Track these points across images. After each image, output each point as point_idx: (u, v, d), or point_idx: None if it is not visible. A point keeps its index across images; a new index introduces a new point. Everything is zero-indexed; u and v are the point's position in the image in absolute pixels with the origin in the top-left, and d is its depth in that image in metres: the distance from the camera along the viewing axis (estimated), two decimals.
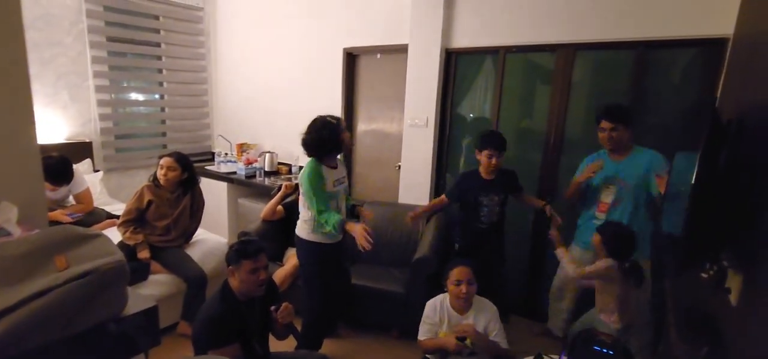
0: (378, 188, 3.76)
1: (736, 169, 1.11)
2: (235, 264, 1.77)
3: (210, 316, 1.73)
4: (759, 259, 1.07)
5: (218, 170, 4.19)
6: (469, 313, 2.05)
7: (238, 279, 1.77)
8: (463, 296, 1.99)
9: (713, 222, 1.11)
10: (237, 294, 1.79)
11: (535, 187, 2.95)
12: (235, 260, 1.77)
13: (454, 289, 2.02)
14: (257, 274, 1.78)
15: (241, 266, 1.76)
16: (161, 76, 4.47)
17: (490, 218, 2.61)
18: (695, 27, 2.29)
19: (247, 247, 1.80)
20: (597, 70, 2.76)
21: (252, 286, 1.78)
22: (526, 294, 3.11)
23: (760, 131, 1.21)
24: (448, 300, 2.09)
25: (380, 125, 3.76)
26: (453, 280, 2.03)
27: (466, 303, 2.04)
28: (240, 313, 1.78)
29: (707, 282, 1.21)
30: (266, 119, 4.40)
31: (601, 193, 2.40)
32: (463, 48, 3.07)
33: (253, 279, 1.77)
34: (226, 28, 4.59)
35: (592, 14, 2.57)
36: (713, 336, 1.17)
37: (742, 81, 1.77)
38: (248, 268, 1.75)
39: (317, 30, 3.84)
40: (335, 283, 2.44)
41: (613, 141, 2.30)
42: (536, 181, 2.96)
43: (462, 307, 2.05)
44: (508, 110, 3.03)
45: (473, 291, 2.02)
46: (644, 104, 2.55)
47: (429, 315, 2.11)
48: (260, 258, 1.79)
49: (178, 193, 2.72)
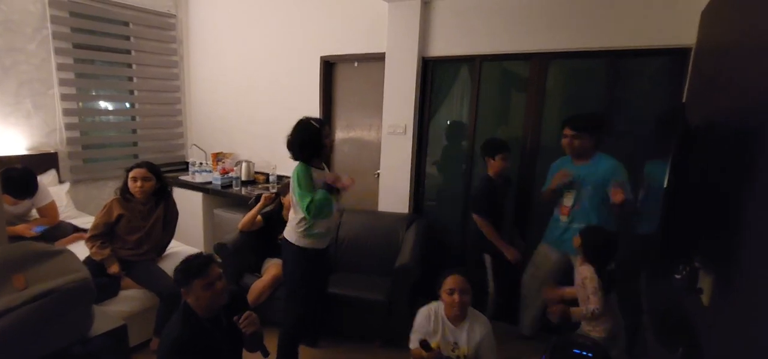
0: (357, 196, 3.73)
1: (705, 173, 1.15)
2: (185, 286, 1.67)
3: (173, 340, 1.63)
4: (728, 260, 1.10)
5: (193, 180, 4.08)
6: (463, 324, 1.99)
7: (193, 298, 1.67)
8: (456, 305, 1.94)
9: (685, 225, 1.14)
10: (198, 312, 1.69)
11: (512, 192, 2.98)
12: (185, 282, 1.66)
13: (448, 298, 1.96)
14: (212, 288, 1.67)
15: (192, 287, 1.66)
16: (132, 84, 4.33)
17: None
18: (661, 37, 2.38)
19: (192, 265, 1.68)
20: (570, 79, 2.83)
21: (210, 301, 1.69)
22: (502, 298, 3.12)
23: (723, 136, 1.26)
24: (442, 309, 2.04)
25: (359, 133, 3.74)
26: (446, 289, 1.97)
27: (461, 313, 1.98)
28: (204, 332, 1.68)
29: (680, 283, 1.24)
30: (242, 128, 4.31)
31: (563, 197, 2.51)
32: (440, 56, 3.10)
33: (209, 294, 1.67)
34: (200, 36, 4.50)
35: (564, 24, 2.64)
36: (688, 336, 1.20)
37: (704, 88, 1.86)
38: (200, 285, 1.65)
39: (293, 38, 3.80)
40: (318, 292, 2.41)
41: (574, 148, 2.42)
42: (514, 186, 3.00)
43: (456, 317, 1.99)
44: (484, 117, 3.07)
45: (467, 300, 1.96)
46: (615, 110, 2.63)
47: (421, 324, 2.04)
48: (211, 272, 1.68)
49: (151, 204, 2.63)
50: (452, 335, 1.99)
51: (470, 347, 1.95)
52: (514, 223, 2.87)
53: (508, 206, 2.76)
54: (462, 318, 2.00)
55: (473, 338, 1.96)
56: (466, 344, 1.96)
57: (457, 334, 1.99)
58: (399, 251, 2.90)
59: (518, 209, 2.95)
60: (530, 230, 2.95)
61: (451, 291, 1.95)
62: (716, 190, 1.18)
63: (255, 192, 3.66)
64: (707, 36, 1.97)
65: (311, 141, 2.19)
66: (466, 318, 2.00)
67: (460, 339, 1.98)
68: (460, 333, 1.98)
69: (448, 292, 1.96)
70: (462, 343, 1.97)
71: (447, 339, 1.99)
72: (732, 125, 1.26)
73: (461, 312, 1.98)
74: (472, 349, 1.95)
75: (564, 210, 2.51)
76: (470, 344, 1.96)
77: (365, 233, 3.18)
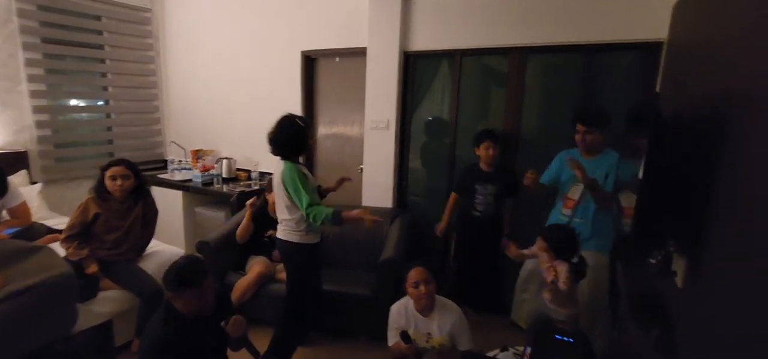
0: (341, 192, 3.72)
1: (677, 161, 1.20)
2: (175, 294, 1.61)
3: (154, 340, 1.60)
4: (699, 242, 1.16)
5: (172, 178, 4.00)
6: (433, 314, 2.03)
7: (181, 304, 1.63)
8: (423, 296, 1.98)
9: (660, 211, 1.19)
10: (182, 313, 1.65)
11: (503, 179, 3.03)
12: (176, 289, 1.60)
13: (414, 291, 2.00)
14: (203, 298, 1.63)
15: (183, 295, 1.61)
16: (106, 80, 4.20)
17: (486, 209, 2.79)
18: (634, 31, 2.46)
19: (187, 275, 1.61)
20: (548, 73, 2.89)
21: (199, 310, 1.65)
22: (492, 289, 3.19)
23: (693, 126, 1.32)
24: (411, 303, 2.08)
25: (341, 129, 3.74)
26: (411, 283, 2.01)
27: (429, 303, 2.02)
28: (187, 333, 1.65)
29: (655, 267, 1.29)
30: (222, 124, 4.25)
31: (568, 190, 2.51)
32: (421, 51, 3.12)
33: (198, 303, 1.63)
34: (177, 31, 4.40)
35: (541, 19, 2.69)
36: (663, 318, 1.26)
37: (676, 81, 1.93)
38: (192, 295, 1.61)
39: (273, 32, 3.76)
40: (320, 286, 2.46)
41: (586, 144, 2.42)
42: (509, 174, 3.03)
43: (425, 308, 2.03)
44: (465, 111, 3.11)
45: (432, 289, 2.00)
46: (592, 103, 2.70)
47: (395, 320, 2.09)
48: (205, 283, 1.64)
49: (129, 203, 2.56)
50: (424, 326, 2.03)
51: (443, 335, 2.00)
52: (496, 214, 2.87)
53: (486, 191, 2.80)
54: (431, 309, 2.04)
55: (444, 326, 2.00)
56: (438, 333, 2.00)
57: (429, 325, 2.03)
58: (383, 245, 2.92)
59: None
60: (513, 219, 3.02)
61: (416, 284, 1.99)
62: (688, 176, 1.24)
63: (237, 189, 3.62)
64: (678, 30, 2.04)
65: (296, 139, 2.18)
66: (435, 308, 2.04)
67: (432, 329, 2.02)
68: (431, 323, 2.02)
69: (412, 286, 2.00)
70: (434, 333, 2.01)
71: (420, 331, 2.03)
72: (700, 115, 1.32)
73: (429, 303, 2.02)
74: (445, 337, 2.00)
75: (569, 203, 2.49)
76: (442, 332, 2.00)
77: (349, 229, 3.17)
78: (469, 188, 2.84)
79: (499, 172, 2.78)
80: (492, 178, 2.78)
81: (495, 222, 2.84)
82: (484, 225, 2.83)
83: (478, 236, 2.87)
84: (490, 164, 2.77)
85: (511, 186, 2.78)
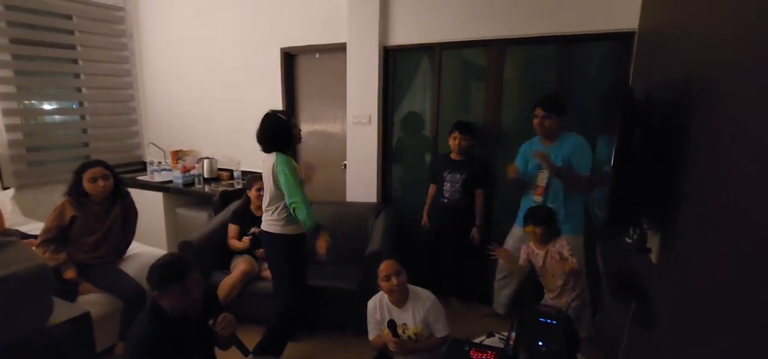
0: (325, 188, 3.72)
1: (648, 143, 1.25)
2: (160, 291, 1.59)
3: (139, 340, 1.56)
4: (672, 220, 1.21)
5: (152, 180, 3.92)
6: (407, 304, 2.06)
7: (167, 302, 1.60)
8: (395, 288, 2.00)
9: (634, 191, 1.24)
10: (168, 313, 1.62)
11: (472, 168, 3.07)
12: (160, 286, 1.57)
13: (385, 285, 2.03)
14: (189, 294, 1.60)
15: (168, 292, 1.58)
16: (79, 81, 4.09)
17: (452, 196, 2.87)
18: (606, 22, 2.53)
19: (171, 271, 1.59)
20: (526, 65, 2.94)
21: (186, 306, 1.62)
22: (475, 278, 3.24)
23: (663, 110, 1.37)
24: (386, 296, 2.11)
25: (323, 125, 3.73)
26: (382, 277, 2.03)
27: (401, 295, 2.05)
28: (173, 332, 1.61)
29: (632, 245, 1.34)
30: (202, 124, 4.18)
31: (536, 177, 2.59)
32: (401, 45, 3.14)
33: (184, 300, 1.60)
34: (152, 29, 4.30)
35: (517, 11, 2.74)
36: (639, 292, 1.31)
37: (647, 68, 2.00)
38: (178, 292, 1.58)
39: (252, 29, 3.72)
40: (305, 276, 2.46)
41: (544, 128, 2.51)
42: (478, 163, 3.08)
43: (399, 299, 2.06)
44: (446, 104, 3.14)
45: (403, 280, 2.03)
46: (568, 94, 2.76)
47: (371, 314, 2.12)
48: (190, 278, 1.61)
49: (107, 204, 2.50)
50: (400, 318, 2.05)
51: (418, 324, 2.03)
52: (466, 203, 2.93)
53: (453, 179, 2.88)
54: (405, 300, 2.07)
55: (419, 314, 2.03)
56: (413, 322, 2.03)
57: (404, 316, 2.05)
58: (369, 239, 2.93)
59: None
60: (495, 211, 3.07)
61: (387, 277, 2.01)
62: (659, 158, 1.29)
63: (219, 189, 3.58)
64: (648, 20, 2.12)
65: (282, 133, 2.23)
66: (408, 298, 2.07)
67: (407, 319, 2.05)
68: (406, 314, 2.05)
69: (384, 279, 2.02)
70: (410, 323, 2.04)
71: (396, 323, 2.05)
72: (667, 100, 1.38)
73: (402, 294, 2.05)
74: (420, 325, 2.03)
75: (539, 190, 2.57)
76: (417, 321, 2.03)
77: (334, 224, 3.17)
78: (440, 176, 2.93)
79: (467, 161, 2.85)
80: (460, 166, 2.85)
81: (464, 211, 2.89)
82: (452, 213, 2.90)
83: (447, 224, 2.94)
84: (459, 153, 2.85)
85: (480, 175, 2.85)
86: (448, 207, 2.90)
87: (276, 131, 2.23)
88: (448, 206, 2.90)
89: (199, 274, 1.67)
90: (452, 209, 2.89)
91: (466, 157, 2.86)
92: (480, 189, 2.87)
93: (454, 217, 2.90)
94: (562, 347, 1.46)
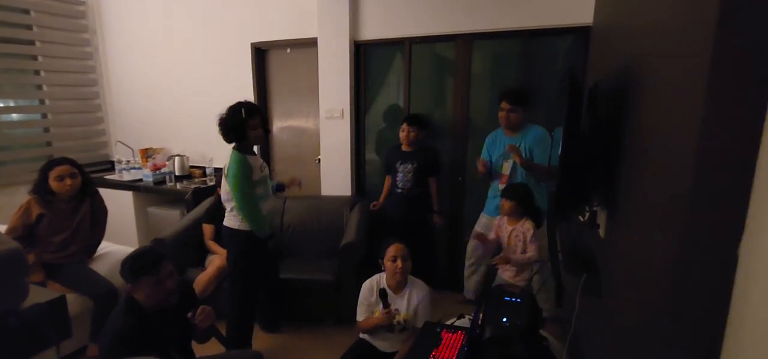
0: None
1: (596, 128, 1.37)
2: (133, 282, 1.60)
3: (115, 333, 1.56)
4: (615, 196, 1.33)
5: (121, 179, 3.84)
6: (404, 291, 2.12)
7: (141, 295, 1.61)
8: (399, 271, 2.05)
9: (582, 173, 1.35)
10: (144, 307, 1.63)
11: (446, 171, 3.20)
12: (132, 278, 1.59)
13: (391, 265, 2.07)
14: (163, 285, 1.62)
15: (140, 283, 1.59)
16: (40, 78, 3.94)
17: (405, 185, 2.99)
18: (566, 17, 2.66)
19: (143, 261, 1.60)
20: (493, 59, 3.04)
21: (160, 299, 1.63)
22: (447, 268, 3.35)
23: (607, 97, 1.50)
24: (384, 279, 2.15)
25: (296, 121, 3.74)
26: (389, 257, 2.08)
27: (403, 279, 2.10)
28: (150, 325, 1.62)
29: (583, 223, 1.46)
30: (172, 121, 4.12)
31: (501, 167, 2.72)
32: (371, 40, 3.19)
33: (158, 292, 1.61)
34: (116, 24, 4.19)
35: (483, 5, 2.84)
36: (590, 264, 1.43)
37: (598, 60, 2.14)
38: (150, 283, 1.60)
39: (221, 23, 3.69)
40: (263, 277, 2.42)
41: (509, 120, 2.63)
42: (447, 166, 3.20)
43: (399, 283, 2.11)
44: (418, 99, 3.21)
45: (408, 267, 2.09)
46: (532, 87, 2.88)
47: (365, 296, 2.15)
48: (162, 268, 1.62)
49: (75, 202, 2.46)
50: (394, 303, 2.11)
51: (409, 311, 2.10)
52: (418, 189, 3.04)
53: (405, 169, 2.99)
54: (403, 286, 2.13)
55: (412, 303, 2.10)
56: (405, 309, 2.10)
57: (398, 301, 2.11)
58: (343, 232, 2.98)
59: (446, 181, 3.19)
60: (466, 203, 3.19)
61: (394, 258, 2.07)
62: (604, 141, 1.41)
63: (191, 186, 3.55)
64: (600, 14, 2.26)
65: (234, 129, 2.20)
66: (407, 285, 2.13)
67: (401, 305, 2.11)
68: (400, 300, 2.11)
69: (391, 259, 2.08)
70: (402, 309, 2.10)
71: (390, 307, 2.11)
72: (610, 88, 1.51)
73: (403, 279, 2.11)
74: (411, 313, 2.10)
75: (504, 179, 2.69)
76: (409, 309, 2.09)
77: (310, 218, 3.22)
78: (393, 167, 3.04)
79: (417, 151, 2.97)
80: (411, 157, 2.97)
81: (418, 199, 3.02)
82: (406, 202, 3.02)
83: (403, 213, 3.05)
84: (409, 144, 2.96)
85: (431, 164, 2.98)
86: (401, 197, 3.03)
87: (230, 124, 2.20)
88: (401, 195, 3.02)
89: (171, 265, 1.68)
90: (406, 199, 3.02)
91: (417, 148, 2.98)
92: (432, 178, 3.01)
93: (408, 206, 3.03)
94: (524, 322, 1.56)
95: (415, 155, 2.97)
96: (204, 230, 2.94)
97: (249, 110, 2.23)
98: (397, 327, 2.09)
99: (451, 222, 3.27)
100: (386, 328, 2.10)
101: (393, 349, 2.12)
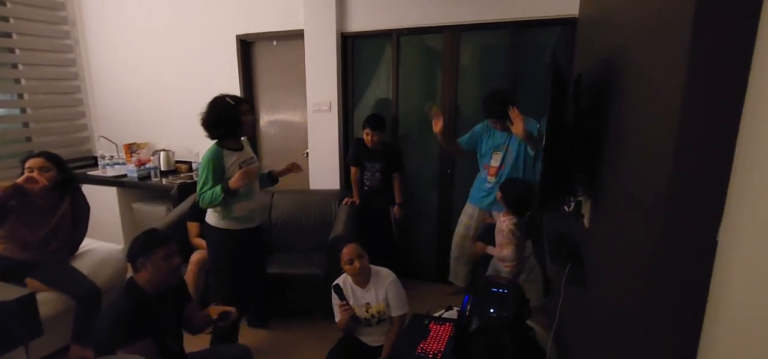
0: (288, 177, 3.70)
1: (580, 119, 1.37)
2: (145, 255, 1.66)
3: (116, 313, 1.59)
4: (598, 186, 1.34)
5: (104, 175, 3.76)
6: (369, 285, 2.15)
7: (150, 270, 1.66)
8: (358, 271, 2.08)
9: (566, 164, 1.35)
10: (145, 290, 1.68)
11: (435, 164, 3.20)
12: (147, 250, 1.66)
13: (349, 268, 2.10)
14: (171, 260, 1.70)
15: (153, 256, 1.66)
16: (17, 72, 3.83)
17: (373, 183, 3.06)
18: (552, 8, 2.66)
19: (156, 235, 1.74)
20: (481, 51, 3.04)
21: (167, 274, 1.70)
22: (436, 260, 3.36)
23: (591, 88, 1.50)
24: (350, 278, 2.17)
25: (284, 114, 3.70)
26: (345, 261, 2.10)
27: (364, 276, 2.13)
28: (150, 309, 1.66)
29: (569, 214, 1.47)
30: (156, 115, 4.04)
31: (490, 159, 2.71)
32: (358, 32, 3.16)
33: (167, 266, 1.69)
34: (97, 15, 4.08)
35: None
36: (575, 254, 1.44)
37: (583, 51, 2.15)
38: (161, 255, 1.67)
39: (206, 15, 3.62)
40: (247, 273, 2.40)
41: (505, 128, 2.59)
42: (436, 159, 3.20)
43: (362, 281, 2.14)
44: (406, 91, 3.20)
45: (366, 263, 2.12)
46: (521, 79, 2.89)
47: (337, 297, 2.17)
48: (170, 244, 1.72)
49: (53, 198, 2.39)
50: (363, 298, 2.14)
51: (380, 302, 2.13)
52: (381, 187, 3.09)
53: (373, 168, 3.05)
54: (367, 280, 2.15)
55: (380, 293, 2.13)
56: (375, 301, 2.13)
57: (367, 295, 2.14)
58: (332, 226, 2.97)
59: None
60: (454, 194, 3.19)
61: (350, 260, 2.08)
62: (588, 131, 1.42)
63: (177, 182, 3.49)
64: (586, 6, 2.27)
65: (227, 119, 2.13)
66: (370, 278, 2.16)
67: (370, 298, 2.14)
68: (368, 293, 2.14)
69: (347, 263, 2.10)
70: (372, 302, 2.13)
71: (359, 302, 2.14)
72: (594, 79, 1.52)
73: (364, 276, 2.14)
74: (382, 304, 2.13)
75: (492, 171, 2.70)
76: (379, 300, 2.13)
77: (298, 213, 3.20)
78: (361, 164, 3.09)
79: (382, 151, 3.00)
80: (377, 156, 3.02)
81: (385, 194, 3.08)
82: (374, 196, 3.09)
83: (371, 207, 3.10)
84: (374, 145, 2.97)
85: (395, 161, 3.05)
86: (369, 193, 3.10)
87: (221, 115, 2.13)
88: (368, 192, 3.10)
89: (176, 247, 1.76)
90: (372, 194, 3.09)
91: (381, 147, 3.00)
92: (396, 173, 3.05)
93: (376, 200, 3.09)
94: (511, 312, 1.58)
95: (381, 155, 3.01)
96: (189, 228, 2.91)
97: (234, 98, 2.20)
98: (372, 320, 2.12)
99: (439, 218, 3.27)
100: (363, 322, 2.13)
101: (379, 343, 2.15)
